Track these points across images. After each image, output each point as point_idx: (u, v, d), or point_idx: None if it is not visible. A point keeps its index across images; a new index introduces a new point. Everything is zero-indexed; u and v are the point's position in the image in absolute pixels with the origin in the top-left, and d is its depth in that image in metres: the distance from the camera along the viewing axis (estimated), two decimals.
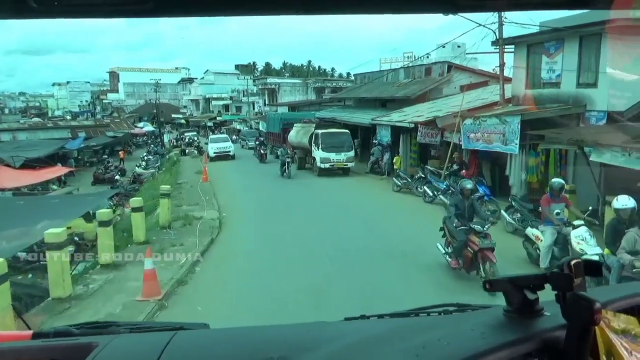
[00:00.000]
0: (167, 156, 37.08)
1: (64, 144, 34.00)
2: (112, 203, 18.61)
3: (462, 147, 16.10)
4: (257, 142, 33.78)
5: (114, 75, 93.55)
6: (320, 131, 22.66)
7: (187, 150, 38.77)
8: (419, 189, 16.52)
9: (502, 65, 16.21)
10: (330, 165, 21.89)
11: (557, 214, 8.54)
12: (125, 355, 1.32)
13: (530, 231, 9.02)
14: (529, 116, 13.39)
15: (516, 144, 13.44)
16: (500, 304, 1.31)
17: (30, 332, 1.54)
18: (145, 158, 34.82)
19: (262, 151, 29.50)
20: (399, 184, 17.62)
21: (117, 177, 29.53)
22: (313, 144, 22.86)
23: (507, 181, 14.93)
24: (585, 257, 7.20)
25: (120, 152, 37.83)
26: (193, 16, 0.78)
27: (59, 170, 25.36)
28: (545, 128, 12.87)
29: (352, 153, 22.28)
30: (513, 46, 16.19)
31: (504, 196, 14.05)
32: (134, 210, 10.41)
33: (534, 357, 1.12)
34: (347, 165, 22.01)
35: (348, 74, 68.17)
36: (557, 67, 14.31)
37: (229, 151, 32.36)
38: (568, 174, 13.81)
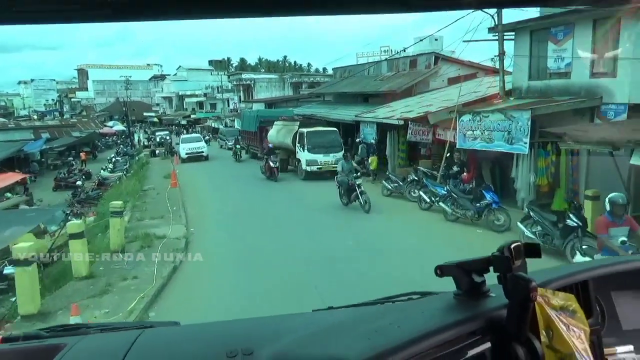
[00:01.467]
0: (137, 157, 34.73)
1: (22, 146, 31.33)
2: (68, 213, 16.55)
3: (457, 147, 14.47)
4: (237, 144, 30.91)
5: (82, 73, 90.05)
6: (305, 130, 20.41)
7: (157, 151, 36.40)
8: (412, 193, 14.84)
9: (502, 54, 14.56)
10: (317, 168, 19.72)
11: (623, 242, 6.23)
12: (92, 353, 1.32)
13: (581, 260, 7.10)
14: (541, 111, 11.74)
15: (525, 143, 11.81)
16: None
17: None
18: (113, 160, 32.76)
19: (271, 164, 20.41)
20: (390, 187, 15.87)
21: (79, 182, 27.23)
22: (297, 145, 20.51)
23: (509, 184, 13.37)
24: None
25: (81, 154, 35.34)
26: (159, 20, 0.73)
27: (12, 177, 22.76)
28: (552, 124, 11.29)
29: (341, 154, 19.85)
30: (513, 33, 14.56)
31: (507, 202, 12.43)
32: (73, 237, 8.20)
33: (477, 334, 1.14)
34: (336, 167, 19.66)
35: (324, 69, 66.42)
36: (566, 54, 12.74)
37: (202, 152, 30.42)
38: (580, 176, 12.31)
